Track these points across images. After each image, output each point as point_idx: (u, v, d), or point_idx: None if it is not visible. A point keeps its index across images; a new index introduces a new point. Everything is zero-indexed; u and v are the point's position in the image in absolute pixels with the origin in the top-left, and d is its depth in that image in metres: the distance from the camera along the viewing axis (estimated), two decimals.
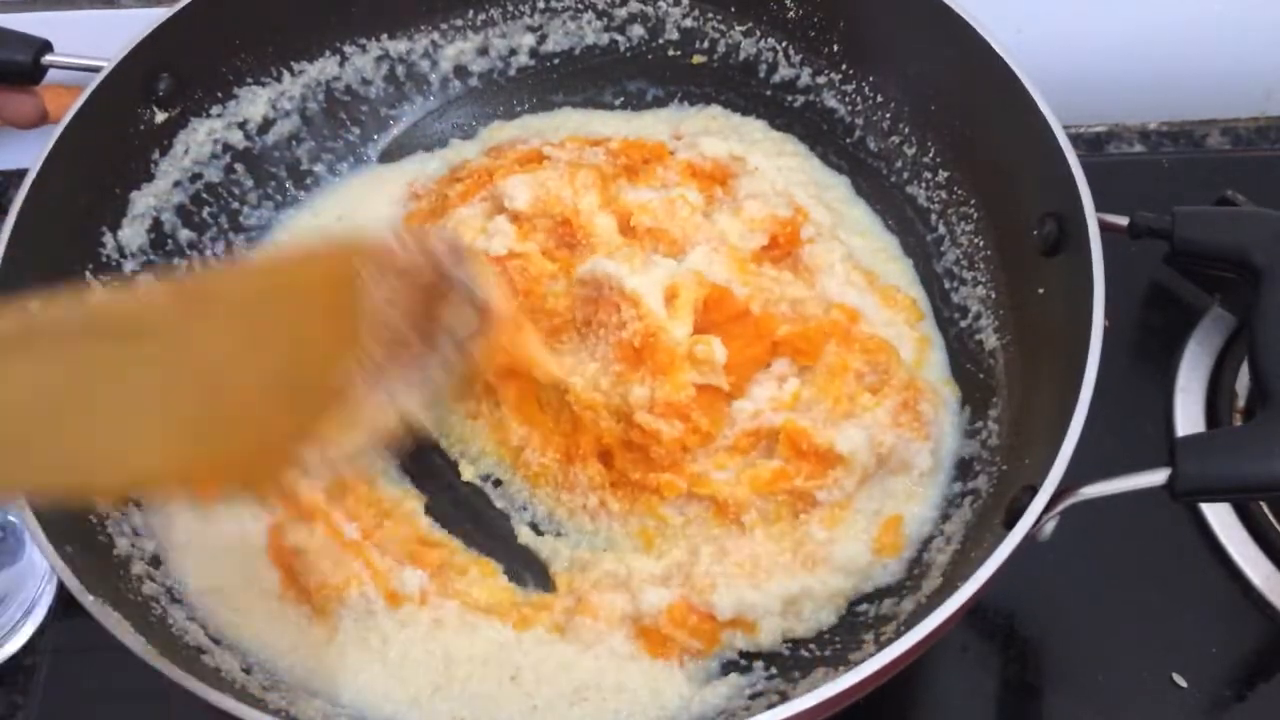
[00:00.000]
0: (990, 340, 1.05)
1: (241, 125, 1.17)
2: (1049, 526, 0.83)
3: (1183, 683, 1.01)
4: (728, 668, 0.94)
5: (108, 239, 1.07)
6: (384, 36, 1.23)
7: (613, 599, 0.95)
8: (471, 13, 1.24)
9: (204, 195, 1.15)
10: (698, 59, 1.24)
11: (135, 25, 1.06)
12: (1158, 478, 0.82)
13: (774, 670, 0.93)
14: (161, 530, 0.98)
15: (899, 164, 1.17)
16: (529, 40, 1.26)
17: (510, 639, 0.95)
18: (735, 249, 1.06)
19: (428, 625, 0.95)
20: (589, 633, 0.94)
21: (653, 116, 1.25)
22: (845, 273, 1.08)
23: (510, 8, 1.24)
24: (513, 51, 1.26)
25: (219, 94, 1.15)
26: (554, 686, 0.92)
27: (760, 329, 1.02)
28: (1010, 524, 0.81)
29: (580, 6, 1.24)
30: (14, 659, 1.07)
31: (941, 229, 1.13)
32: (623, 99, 1.27)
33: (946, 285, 1.11)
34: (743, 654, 0.95)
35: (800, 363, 1.02)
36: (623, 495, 0.99)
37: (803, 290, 1.06)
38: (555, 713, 0.91)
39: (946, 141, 1.13)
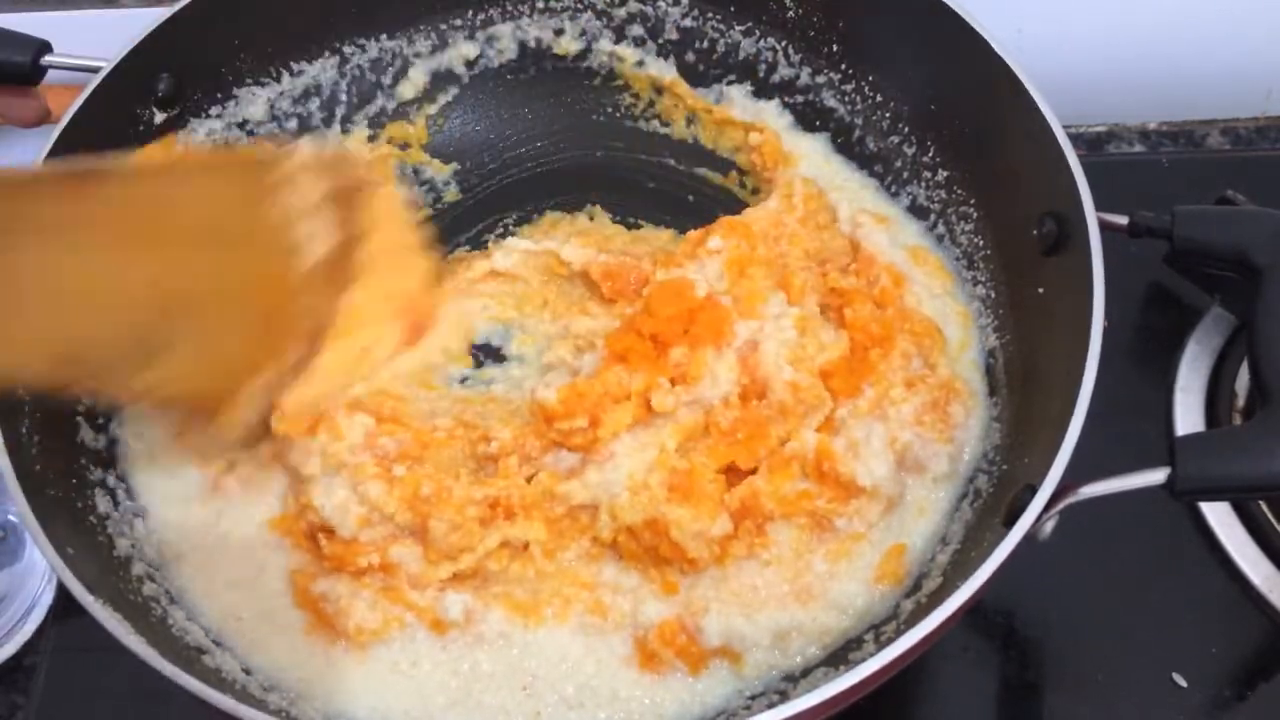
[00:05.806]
0: (990, 340, 1.05)
1: (241, 125, 1.17)
2: (1049, 526, 0.83)
3: (1183, 683, 1.01)
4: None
5: None
6: (383, 36, 1.22)
7: (620, 600, 0.95)
8: (471, 13, 1.24)
9: None
10: None
11: (135, 25, 1.06)
12: (1157, 477, 0.82)
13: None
14: (171, 566, 0.97)
15: (899, 164, 1.17)
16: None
17: (534, 642, 0.93)
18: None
19: (467, 643, 0.93)
20: (594, 630, 0.94)
21: None
22: (852, 213, 1.09)
23: (510, 8, 1.24)
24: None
25: (218, 94, 1.15)
26: (558, 691, 0.92)
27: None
28: (1010, 523, 0.81)
29: (580, 6, 1.24)
30: (14, 659, 1.07)
31: (941, 229, 1.12)
32: None
33: None
34: None
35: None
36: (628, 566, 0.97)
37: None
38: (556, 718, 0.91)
39: (946, 141, 1.13)
